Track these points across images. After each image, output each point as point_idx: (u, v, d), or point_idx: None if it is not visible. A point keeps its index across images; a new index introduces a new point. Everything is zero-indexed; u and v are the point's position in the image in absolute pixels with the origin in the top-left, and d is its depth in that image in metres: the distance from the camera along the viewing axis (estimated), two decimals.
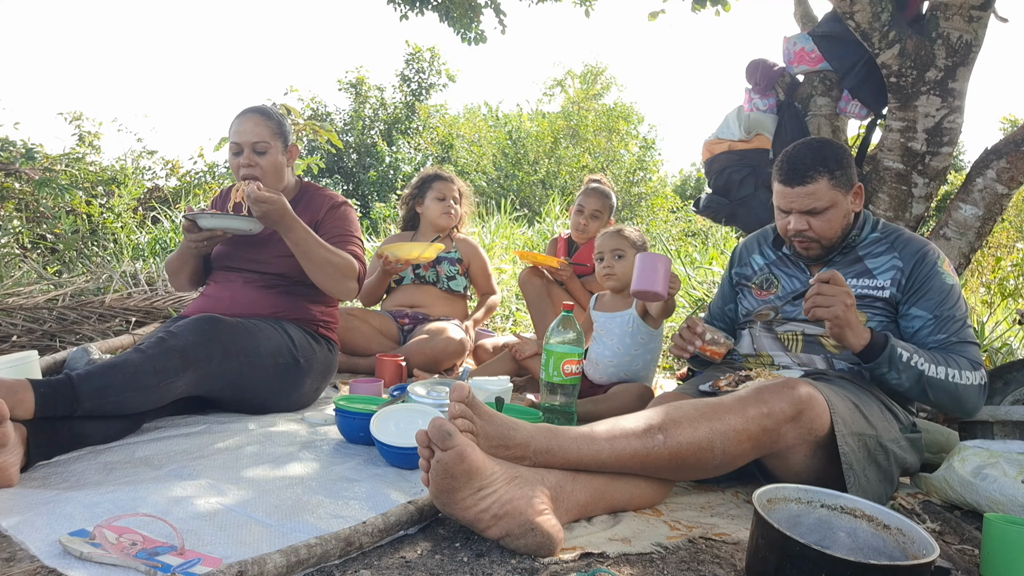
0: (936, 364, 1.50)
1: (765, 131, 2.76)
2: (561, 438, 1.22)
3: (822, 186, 1.62)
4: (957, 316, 1.59)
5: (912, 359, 1.49)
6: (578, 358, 1.82)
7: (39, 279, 3.77)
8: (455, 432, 1.06)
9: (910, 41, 2.40)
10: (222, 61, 79.99)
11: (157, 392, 1.56)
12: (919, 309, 1.61)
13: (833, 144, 1.68)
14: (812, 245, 1.69)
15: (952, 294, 1.61)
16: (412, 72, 13.66)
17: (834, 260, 1.73)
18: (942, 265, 1.64)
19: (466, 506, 1.09)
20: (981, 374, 1.54)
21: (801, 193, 1.63)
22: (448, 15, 4.84)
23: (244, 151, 2.00)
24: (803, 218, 1.65)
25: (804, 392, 1.34)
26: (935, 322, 1.58)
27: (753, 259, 1.91)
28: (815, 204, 1.63)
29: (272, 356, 1.85)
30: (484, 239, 5.86)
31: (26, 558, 1.00)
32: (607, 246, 2.30)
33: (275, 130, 2.03)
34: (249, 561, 0.94)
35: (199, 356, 1.65)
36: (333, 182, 11.23)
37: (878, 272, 1.67)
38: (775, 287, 1.81)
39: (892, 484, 1.51)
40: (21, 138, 5.76)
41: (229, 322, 1.76)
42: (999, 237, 6.13)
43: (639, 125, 14.61)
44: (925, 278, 1.62)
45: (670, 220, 12.05)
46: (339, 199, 2.17)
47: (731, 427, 1.29)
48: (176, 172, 6.80)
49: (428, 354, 2.64)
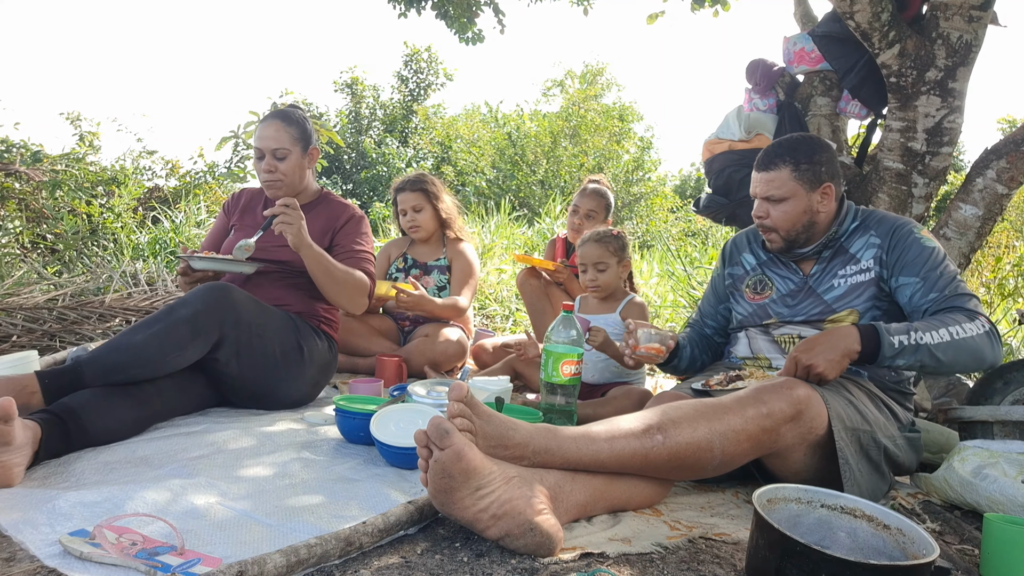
0: (934, 330, 1.45)
1: (765, 131, 2.76)
2: (560, 438, 1.21)
3: (783, 175, 1.64)
4: (945, 273, 1.56)
5: (911, 337, 1.45)
6: (577, 358, 1.82)
7: (39, 279, 3.77)
8: (453, 431, 1.06)
9: (910, 41, 2.40)
10: (221, 61, 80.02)
11: (165, 366, 1.63)
12: (906, 277, 1.59)
13: (813, 141, 1.68)
14: (772, 235, 1.70)
15: (936, 255, 1.59)
16: (410, 73, 13.68)
17: (823, 256, 1.73)
18: (919, 232, 1.63)
19: (464, 506, 1.09)
20: (982, 322, 1.49)
21: (764, 179, 1.67)
22: (446, 14, 4.83)
23: (265, 156, 2.08)
24: (764, 204, 1.68)
25: (803, 392, 1.34)
26: (924, 284, 1.56)
27: (744, 258, 1.90)
28: (773, 192, 1.65)
29: (279, 336, 1.89)
30: (484, 239, 5.86)
31: (26, 558, 1.00)
32: (589, 258, 2.28)
33: (296, 136, 2.10)
34: (249, 561, 0.94)
35: (209, 323, 1.69)
36: (332, 182, 11.24)
37: (859, 254, 1.67)
38: (769, 289, 1.79)
39: (884, 479, 1.51)
40: (21, 138, 5.77)
41: (242, 293, 1.81)
42: (999, 237, 6.13)
43: (638, 123, 14.62)
44: (905, 247, 1.61)
45: (669, 220, 12.06)
46: (357, 211, 2.24)
47: (730, 428, 1.28)
48: (176, 172, 6.79)
49: (428, 355, 2.63)
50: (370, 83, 13.44)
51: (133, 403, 1.58)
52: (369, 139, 12.46)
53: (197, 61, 78.77)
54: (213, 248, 2.22)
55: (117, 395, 1.55)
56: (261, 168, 2.10)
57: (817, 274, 1.72)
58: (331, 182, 11.22)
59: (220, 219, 2.29)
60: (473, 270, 2.94)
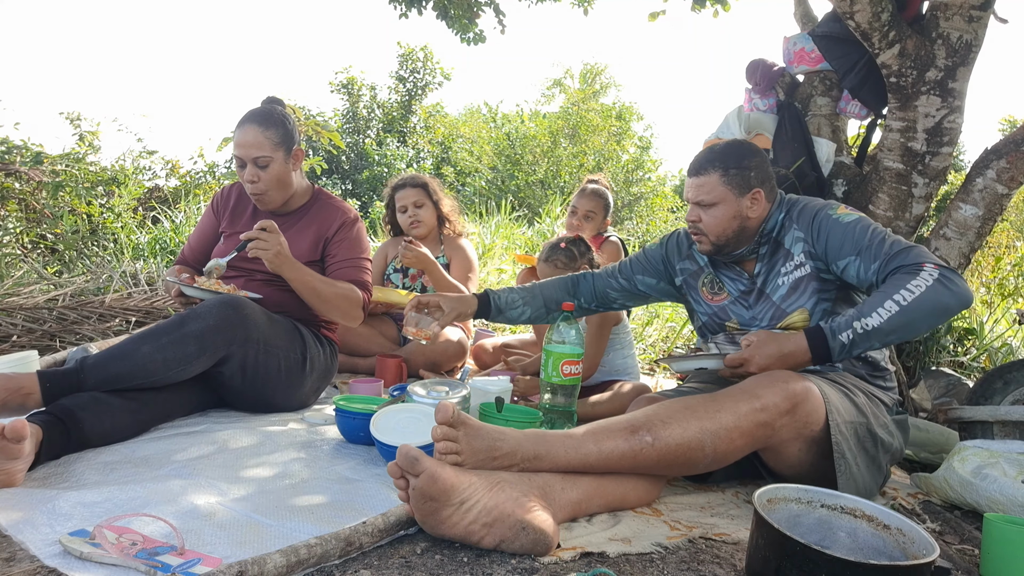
0: (878, 308, 1.38)
1: (765, 131, 2.76)
2: (550, 443, 1.22)
3: (712, 180, 1.65)
4: (876, 238, 1.50)
5: (854, 330, 1.39)
6: (577, 359, 1.82)
7: (39, 279, 3.77)
8: (421, 456, 1.07)
9: (910, 41, 2.40)
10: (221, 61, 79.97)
11: (167, 379, 1.62)
12: (843, 259, 1.54)
13: (743, 147, 1.68)
14: (702, 239, 1.70)
15: (859, 225, 1.55)
16: (407, 72, 13.68)
17: (761, 254, 1.70)
18: (836, 211, 1.61)
19: (453, 523, 1.09)
20: (928, 271, 1.38)
21: (694, 184, 1.68)
22: (447, 14, 4.83)
23: (247, 165, 1.97)
24: (696, 209, 1.69)
25: (799, 386, 1.34)
26: (861, 258, 1.50)
27: (695, 253, 1.86)
28: (702, 197, 1.66)
29: (285, 350, 1.87)
30: (484, 239, 5.86)
31: (26, 558, 1.00)
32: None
33: (276, 140, 1.97)
34: (249, 561, 0.94)
35: (218, 341, 1.67)
36: (331, 182, 11.23)
37: (792, 247, 1.65)
38: (723, 292, 1.78)
39: (881, 471, 1.51)
40: (22, 138, 5.77)
41: (254, 308, 1.78)
42: (999, 237, 6.13)
43: (637, 123, 14.62)
44: (827, 233, 1.58)
45: (669, 220, 12.06)
46: (351, 214, 2.12)
47: (722, 426, 1.29)
48: (176, 172, 6.80)
49: (428, 355, 2.63)
50: (368, 82, 13.44)
51: (133, 405, 1.58)
52: (370, 139, 12.46)
53: (197, 61, 78.74)
54: (199, 249, 2.16)
55: (117, 397, 1.55)
56: (244, 177, 1.99)
57: (762, 274, 1.70)
58: (331, 182, 11.22)
59: (208, 218, 2.19)
60: (473, 265, 2.95)
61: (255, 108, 2.03)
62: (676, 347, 3.92)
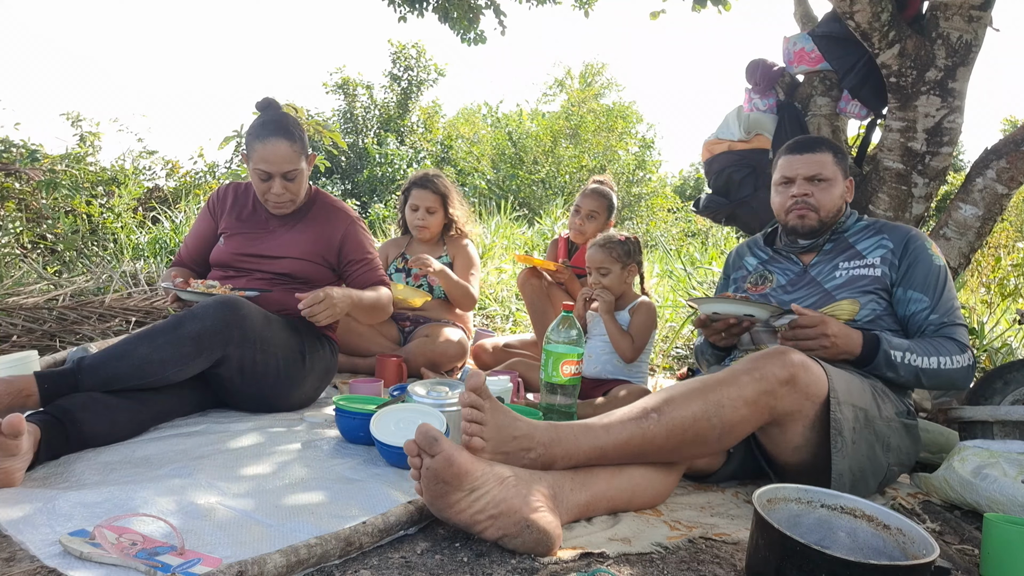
0: (928, 356, 1.57)
1: (765, 131, 2.76)
2: (560, 431, 1.24)
3: (827, 159, 1.75)
4: (950, 297, 1.67)
5: (906, 358, 1.56)
6: (577, 358, 1.82)
7: (39, 279, 3.77)
8: (440, 436, 1.08)
9: (910, 41, 2.40)
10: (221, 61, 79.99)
11: (164, 380, 1.62)
12: (917, 292, 1.67)
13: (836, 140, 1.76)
14: (811, 214, 1.76)
15: (943, 274, 1.69)
16: (400, 70, 13.66)
17: (824, 248, 1.80)
18: (931, 248, 1.71)
19: (460, 509, 1.09)
20: (969, 355, 1.61)
21: (809, 160, 1.75)
22: (448, 16, 4.84)
23: (274, 178, 1.96)
24: (807, 184, 1.75)
25: (797, 358, 1.36)
26: (931, 304, 1.65)
27: (746, 261, 1.96)
28: (821, 171, 1.74)
29: (283, 349, 1.87)
30: (484, 240, 5.86)
31: (26, 558, 1.00)
32: (593, 262, 2.31)
33: (300, 151, 1.98)
34: (249, 561, 0.94)
35: (215, 342, 1.67)
36: (331, 182, 11.23)
37: (868, 253, 1.74)
38: (769, 281, 1.86)
39: (880, 463, 1.50)
40: (21, 138, 5.77)
41: (251, 308, 1.78)
42: (999, 237, 6.13)
43: (638, 124, 14.63)
44: (917, 260, 1.68)
45: (670, 220, 12.07)
46: (352, 214, 2.18)
47: (725, 396, 1.30)
48: (176, 172, 6.80)
49: (428, 355, 2.63)
50: (364, 81, 13.42)
51: (132, 405, 1.58)
52: (370, 139, 12.45)
53: (196, 62, 78.74)
54: (196, 250, 2.16)
55: (116, 397, 1.55)
56: (267, 189, 1.98)
57: (818, 264, 1.79)
58: (331, 182, 11.21)
59: (205, 219, 2.17)
60: (475, 263, 2.97)
61: (272, 118, 1.99)
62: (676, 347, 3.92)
